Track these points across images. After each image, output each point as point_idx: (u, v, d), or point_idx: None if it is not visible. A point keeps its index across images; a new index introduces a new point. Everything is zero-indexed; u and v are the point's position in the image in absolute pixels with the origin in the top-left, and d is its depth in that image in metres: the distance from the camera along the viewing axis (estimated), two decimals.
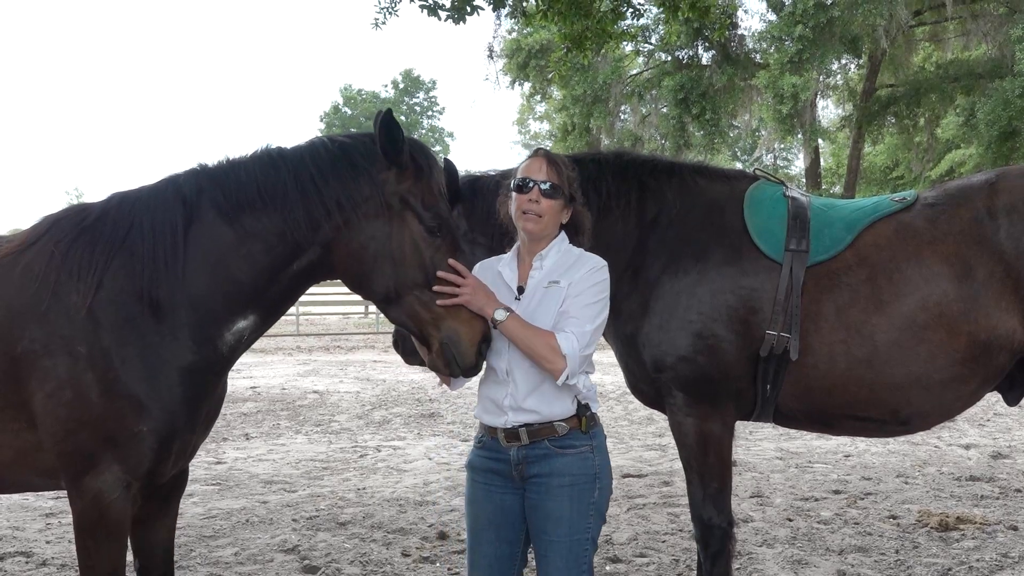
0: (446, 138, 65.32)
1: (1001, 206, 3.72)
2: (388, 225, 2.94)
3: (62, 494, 6.41)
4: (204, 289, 2.94)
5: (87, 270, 2.89)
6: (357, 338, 23.89)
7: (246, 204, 2.95)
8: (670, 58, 26.67)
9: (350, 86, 65.19)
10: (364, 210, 2.93)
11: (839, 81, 28.16)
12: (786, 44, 23.20)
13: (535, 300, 3.01)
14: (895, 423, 3.86)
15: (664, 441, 9.13)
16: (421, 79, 64.74)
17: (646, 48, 27.91)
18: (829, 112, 34.30)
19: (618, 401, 11.60)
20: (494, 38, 23.15)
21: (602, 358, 11.00)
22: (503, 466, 3.01)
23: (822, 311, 3.72)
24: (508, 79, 29.07)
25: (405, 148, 2.94)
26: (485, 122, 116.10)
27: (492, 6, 9.27)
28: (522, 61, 27.97)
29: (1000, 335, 3.65)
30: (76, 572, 5.02)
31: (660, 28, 25.05)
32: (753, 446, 8.88)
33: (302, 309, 26.60)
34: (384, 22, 9.17)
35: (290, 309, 3.31)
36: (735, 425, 3.94)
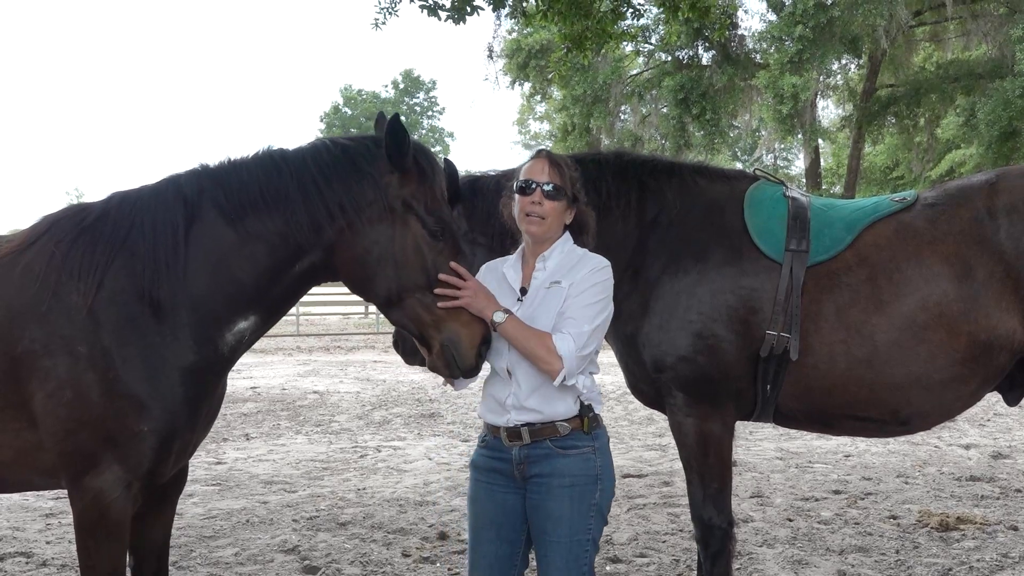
0: (446, 138, 65.35)
1: (1001, 206, 3.72)
2: (391, 229, 2.94)
3: (62, 494, 6.41)
4: (205, 289, 2.95)
5: (88, 270, 2.89)
6: (357, 338, 23.90)
7: (248, 205, 2.95)
8: (670, 58, 26.68)
9: (350, 86, 65.25)
10: (367, 214, 2.94)
11: (839, 81, 28.17)
12: (786, 44, 23.21)
13: (537, 301, 3.01)
14: (895, 423, 3.86)
15: (664, 441, 9.13)
16: (421, 79, 64.80)
17: (646, 48, 27.92)
18: (829, 112, 34.35)
19: (618, 401, 11.60)
20: (494, 38, 23.16)
21: (602, 358, 10.89)
22: (505, 465, 3.02)
23: (822, 311, 3.72)
24: (508, 79, 29.10)
25: (410, 153, 2.95)
26: (485, 122, 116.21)
27: (492, 6, 9.28)
28: (522, 61, 27.98)
29: (1000, 335, 3.65)
30: (76, 572, 5.02)
31: (660, 28, 25.07)
32: (753, 446, 8.88)
33: (302, 309, 26.61)
34: (384, 22, 9.20)
35: (290, 309, 3.32)
36: (735, 425, 3.94)
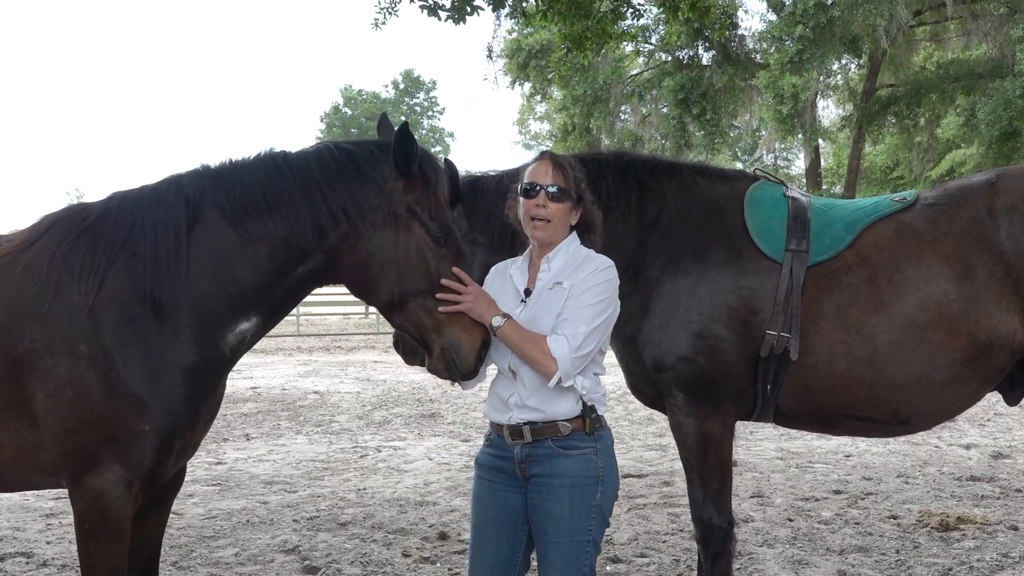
0: (446, 138, 65.37)
1: (1001, 206, 3.72)
2: (395, 234, 2.95)
3: (63, 494, 6.42)
4: (207, 290, 2.95)
5: (89, 270, 2.89)
6: (357, 338, 23.90)
7: (250, 208, 2.95)
8: (670, 58, 26.68)
9: (350, 86, 65.25)
10: (372, 219, 2.95)
11: (839, 81, 28.18)
12: (786, 44, 23.21)
13: (539, 302, 3.02)
14: (895, 423, 3.86)
15: (664, 441, 9.13)
16: (421, 79, 64.81)
17: (646, 48, 27.92)
18: (829, 112, 34.35)
19: (618, 401, 11.59)
20: (493, 38, 23.12)
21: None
22: (507, 464, 3.02)
23: (822, 311, 3.72)
24: (508, 79, 29.11)
25: (417, 161, 2.96)
26: (485, 122, 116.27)
27: (492, 6, 9.28)
28: (522, 61, 27.99)
29: (1000, 335, 3.65)
30: (77, 572, 5.02)
31: (660, 28, 25.08)
32: (753, 446, 8.88)
33: (302, 309, 26.61)
34: (384, 22, 9.20)
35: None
36: (735, 425, 3.94)
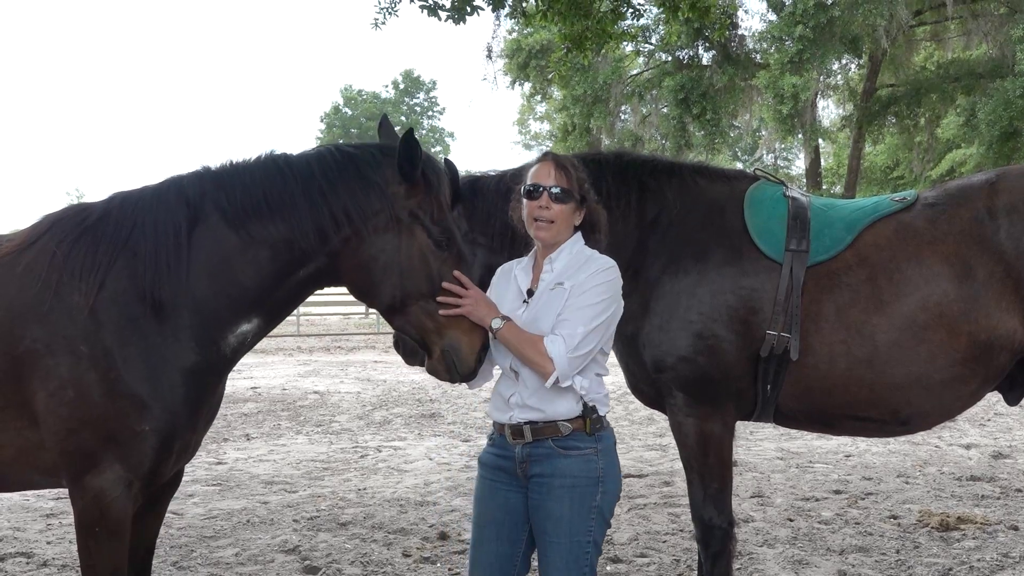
0: (446, 138, 65.37)
1: (1001, 206, 3.72)
2: (397, 238, 2.97)
3: (63, 495, 6.42)
4: (207, 291, 2.96)
5: (90, 270, 2.90)
6: (358, 338, 23.90)
7: (251, 210, 2.96)
8: (670, 58, 26.67)
9: (350, 86, 65.23)
10: (374, 223, 2.96)
11: (839, 81, 28.18)
12: (786, 44, 23.21)
13: (541, 303, 3.03)
14: (895, 423, 3.86)
15: (665, 441, 9.13)
16: (421, 79, 64.80)
17: (646, 48, 27.91)
18: (830, 112, 34.37)
19: (619, 401, 11.59)
20: (493, 38, 23.09)
21: None
22: (509, 464, 3.03)
23: (822, 311, 3.72)
24: (508, 79, 29.10)
25: (420, 166, 2.97)
26: (485, 122, 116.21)
27: (492, 6, 9.27)
28: (522, 61, 27.99)
29: (1000, 335, 3.65)
30: (77, 572, 5.03)
31: (660, 28, 25.08)
32: (754, 446, 8.88)
33: (303, 309, 26.59)
34: (384, 22, 9.19)
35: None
36: (735, 425, 3.95)
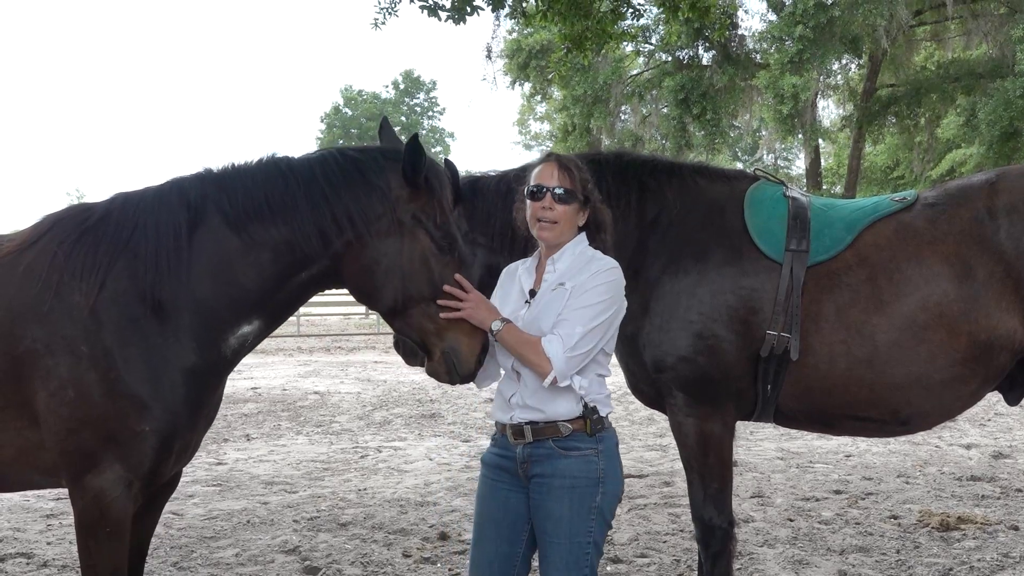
0: (446, 138, 65.34)
1: (1001, 206, 3.72)
2: (400, 242, 2.97)
3: (63, 495, 6.42)
4: (208, 293, 2.96)
5: (90, 271, 2.90)
6: (358, 339, 23.91)
7: (253, 213, 2.96)
8: (670, 58, 26.67)
9: (350, 87, 65.18)
10: (376, 227, 2.97)
11: (839, 81, 28.18)
12: (786, 44, 23.21)
13: (542, 303, 3.03)
14: (895, 423, 3.86)
15: (665, 441, 9.13)
16: (421, 80, 64.77)
17: (646, 48, 27.92)
18: (830, 112, 34.37)
19: (619, 401, 11.58)
20: (492, 39, 23.06)
21: None
22: (510, 464, 3.03)
23: (822, 311, 3.72)
24: (507, 80, 29.10)
25: (424, 171, 2.97)
26: (485, 122, 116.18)
27: (492, 6, 9.27)
28: (523, 61, 27.98)
29: (1000, 335, 3.65)
30: (77, 573, 5.02)
31: (660, 28, 25.08)
32: (754, 446, 8.87)
33: (303, 310, 26.55)
34: (384, 22, 9.20)
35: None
36: (735, 425, 3.95)
